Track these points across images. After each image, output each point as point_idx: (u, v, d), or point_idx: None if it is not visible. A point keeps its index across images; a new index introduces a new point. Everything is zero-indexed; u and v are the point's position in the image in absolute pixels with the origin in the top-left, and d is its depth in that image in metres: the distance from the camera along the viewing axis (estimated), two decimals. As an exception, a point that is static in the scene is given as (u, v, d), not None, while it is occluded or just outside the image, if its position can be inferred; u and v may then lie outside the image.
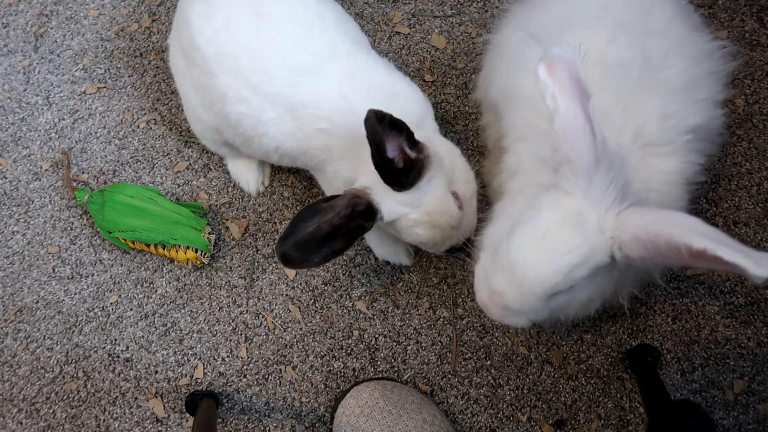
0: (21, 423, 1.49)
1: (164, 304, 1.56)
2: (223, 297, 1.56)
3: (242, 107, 1.27)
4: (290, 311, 1.54)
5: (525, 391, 1.46)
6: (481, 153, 1.62)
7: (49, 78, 1.77)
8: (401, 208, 1.18)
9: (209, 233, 1.56)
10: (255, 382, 1.49)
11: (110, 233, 1.55)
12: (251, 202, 1.63)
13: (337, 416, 1.38)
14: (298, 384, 1.49)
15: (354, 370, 1.49)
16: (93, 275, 1.59)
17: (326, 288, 1.55)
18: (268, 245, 1.58)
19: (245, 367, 1.51)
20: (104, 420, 1.49)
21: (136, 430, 1.48)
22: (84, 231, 1.62)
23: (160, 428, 1.48)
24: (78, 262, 1.60)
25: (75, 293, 1.57)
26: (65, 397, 1.50)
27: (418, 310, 1.52)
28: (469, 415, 1.45)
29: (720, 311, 1.48)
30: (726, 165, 1.58)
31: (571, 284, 0.90)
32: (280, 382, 1.49)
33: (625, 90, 1.04)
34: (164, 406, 1.49)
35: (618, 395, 1.45)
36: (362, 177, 1.20)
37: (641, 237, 0.84)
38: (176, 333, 1.54)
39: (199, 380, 1.50)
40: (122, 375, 1.51)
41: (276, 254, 1.11)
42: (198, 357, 1.52)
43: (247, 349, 1.52)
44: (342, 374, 1.49)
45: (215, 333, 1.53)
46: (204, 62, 1.28)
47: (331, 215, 1.10)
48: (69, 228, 1.63)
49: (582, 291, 0.94)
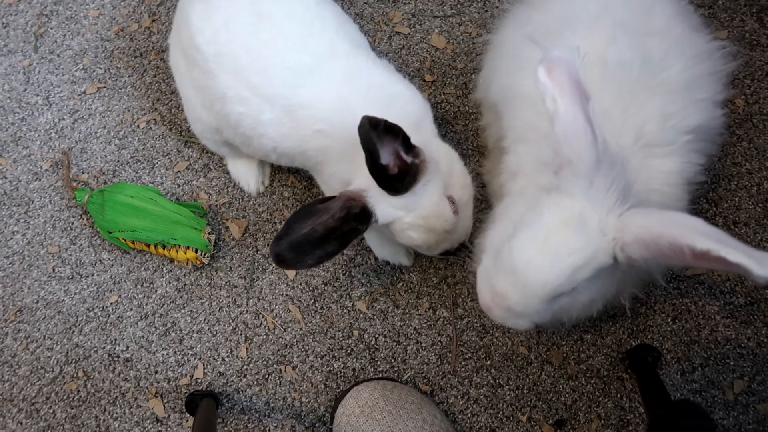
0: (21, 423, 1.49)
1: (164, 304, 1.56)
2: (223, 297, 1.56)
3: (242, 107, 1.27)
4: (290, 311, 1.54)
5: (525, 391, 1.46)
6: (481, 153, 1.62)
7: (49, 78, 1.76)
8: (396, 212, 1.18)
9: (209, 233, 1.55)
10: (255, 382, 1.49)
11: (110, 233, 1.55)
12: (251, 202, 1.63)
13: (337, 416, 1.38)
14: (298, 384, 1.49)
15: (354, 370, 1.49)
16: (93, 275, 1.59)
17: (326, 288, 1.55)
18: (268, 245, 1.58)
19: (245, 367, 1.51)
20: (104, 420, 1.49)
21: (136, 430, 1.48)
22: (84, 231, 1.62)
23: (160, 428, 1.48)
24: (78, 262, 1.60)
25: (75, 293, 1.57)
26: (65, 397, 1.50)
27: (418, 310, 1.52)
28: (469, 415, 1.45)
29: (720, 311, 1.48)
30: (726, 165, 1.58)
31: (574, 286, 0.90)
32: (280, 382, 1.49)
33: (625, 90, 1.04)
34: (164, 406, 1.49)
35: (618, 395, 1.45)
36: (358, 179, 1.20)
37: (644, 238, 0.84)
38: (176, 333, 1.54)
39: (199, 380, 1.50)
40: (122, 375, 1.51)
41: (270, 255, 1.11)
42: (198, 357, 1.52)
43: (247, 349, 1.52)
44: (342, 374, 1.49)
45: (215, 333, 1.53)
46: (204, 62, 1.28)
47: (326, 217, 1.10)
48: (69, 228, 1.63)
49: (585, 292, 0.94)
